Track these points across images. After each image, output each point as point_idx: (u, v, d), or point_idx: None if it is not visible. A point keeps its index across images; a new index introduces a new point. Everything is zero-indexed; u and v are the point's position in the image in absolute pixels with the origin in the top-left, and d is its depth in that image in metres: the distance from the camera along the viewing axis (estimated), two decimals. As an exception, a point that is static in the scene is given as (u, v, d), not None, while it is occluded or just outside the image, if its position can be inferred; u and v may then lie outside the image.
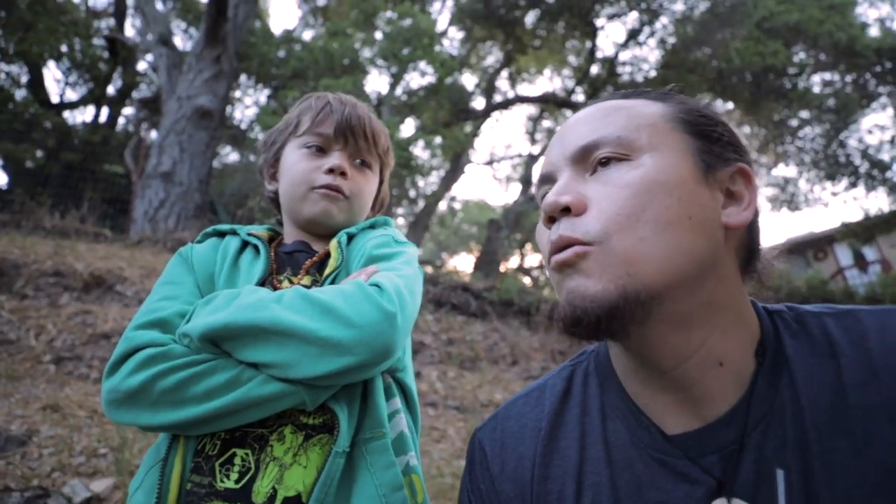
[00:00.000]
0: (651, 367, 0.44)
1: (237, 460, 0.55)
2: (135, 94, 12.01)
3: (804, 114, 8.80)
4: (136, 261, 4.46)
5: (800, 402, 0.39)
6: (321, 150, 0.75)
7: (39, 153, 10.08)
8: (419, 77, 10.50)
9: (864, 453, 0.36)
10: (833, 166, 8.61)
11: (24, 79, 10.94)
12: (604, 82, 12.04)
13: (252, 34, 9.49)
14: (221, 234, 0.76)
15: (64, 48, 10.83)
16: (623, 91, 0.50)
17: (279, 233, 0.81)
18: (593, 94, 12.22)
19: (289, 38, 10.61)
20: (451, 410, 3.96)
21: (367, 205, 0.80)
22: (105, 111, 12.34)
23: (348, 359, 0.51)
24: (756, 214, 0.46)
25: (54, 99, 11.75)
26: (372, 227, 0.77)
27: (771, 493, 0.38)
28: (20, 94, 10.81)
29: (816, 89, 8.36)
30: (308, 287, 0.66)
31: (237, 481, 0.54)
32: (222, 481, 0.54)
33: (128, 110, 12.55)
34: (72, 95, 12.31)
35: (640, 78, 11.12)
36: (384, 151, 0.81)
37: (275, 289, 0.66)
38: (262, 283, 0.66)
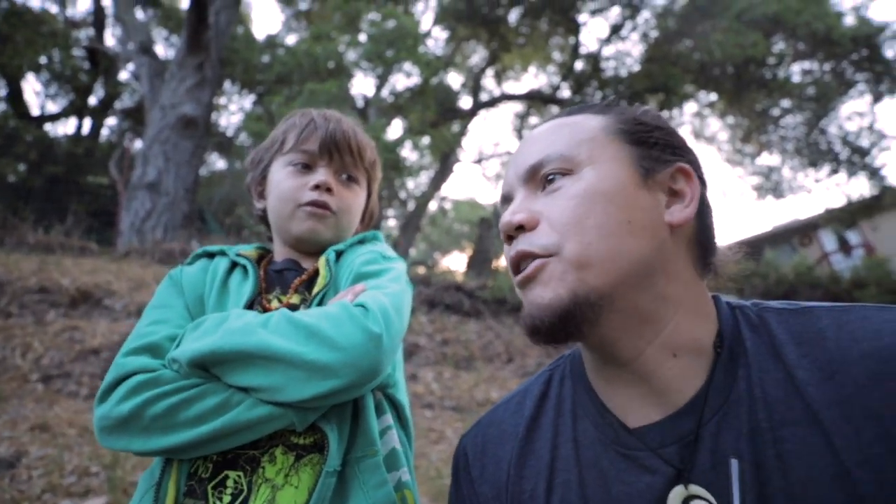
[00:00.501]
0: (612, 362, 0.47)
1: (229, 482, 0.55)
2: (117, 105, 11.86)
3: (785, 103, 8.93)
4: (123, 273, 4.40)
5: (754, 393, 0.41)
6: (307, 167, 0.75)
7: (21, 167, 9.92)
8: (405, 78, 10.49)
9: (817, 447, 0.37)
10: (815, 154, 8.74)
11: (2, 92, 10.75)
12: (588, 77, 12.11)
13: (235, 40, 9.42)
14: (211, 256, 0.76)
15: (43, 60, 10.66)
16: (568, 108, 0.55)
17: (269, 251, 0.81)
18: (578, 90, 12.27)
19: (272, 43, 10.54)
20: (448, 411, 3.96)
21: (356, 220, 0.80)
22: (87, 122, 12.18)
23: (335, 381, 0.52)
24: (704, 209, 0.49)
25: (34, 112, 11.57)
26: (361, 242, 0.77)
27: (726, 482, 0.40)
28: (0, 108, 10.63)
29: (796, 78, 8.48)
30: (297, 306, 0.68)
31: (231, 501, 0.54)
32: (214, 503, 0.55)
33: (111, 121, 12.41)
34: (52, 107, 12.13)
35: (623, 72, 11.21)
36: (371, 165, 0.81)
37: (264, 309, 0.67)
38: (251, 304, 0.66)
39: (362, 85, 22.66)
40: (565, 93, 13.03)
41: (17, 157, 9.97)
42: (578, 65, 12.49)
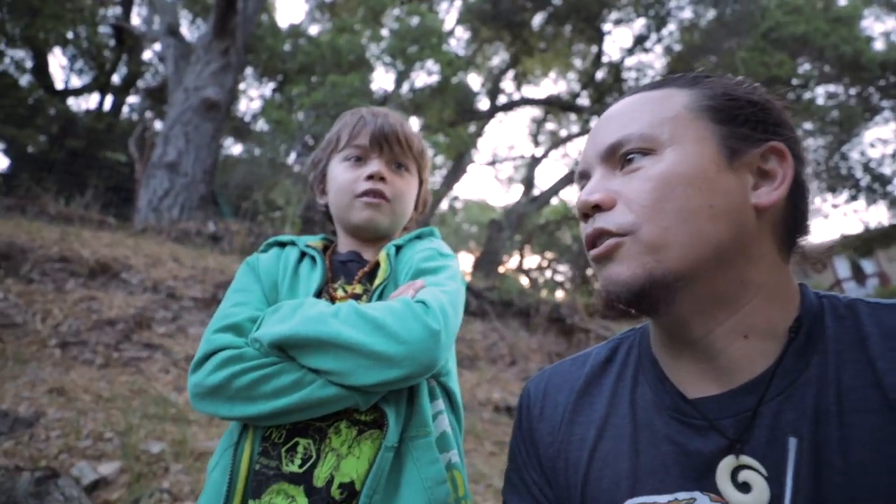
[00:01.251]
0: (679, 338, 0.48)
1: (300, 448, 0.62)
2: (140, 84, 12.00)
3: (807, 125, 8.86)
4: (141, 249, 4.47)
5: (827, 378, 0.42)
6: (360, 160, 0.81)
7: (43, 139, 10.07)
8: (425, 76, 10.53)
9: (889, 436, 0.38)
10: (834, 178, 8.66)
11: (28, 64, 10.92)
12: (609, 87, 12.08)
13: (259, 27, 9.50)
14: (282, 245, 0.83)
15: (70, 35, 10.81)
16: (653, 81, 0.52)
17: (332, 241, 0.87)
18: (598, 99, 12.24)
19: (295, 32, 10.61)
20: (450, 407, 3.99)
21: (410, 206, 0.84)
22: (109, 99, 12.33)
23: (396, 371, 0.57)
24: (797, 190, 0.46)
25: (59, 85, 11.74)
26: (419, 237, 0.82)
27: (781, 457, 0.41)
28: (25, 79, 10.79)
29: (820, 101, 8.42)
30: (360, 295, 0.74)
31: (300, 466, 0.61)
32: (287, 465, 0.61)
33: (132, 99, 12.55)
34: (76, 82, 12.30)
35: (645, 83, 11.17)
36: (419, 153, 0.85)
37: (330, 297, 0.73)
38: (318, 292, 0.72)
39: (382, 80, 22.73)
40: (584, 100, 13.01)
41: (39, 128, 10.12)
42: (599, 73, 12.46)
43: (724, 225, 0.43)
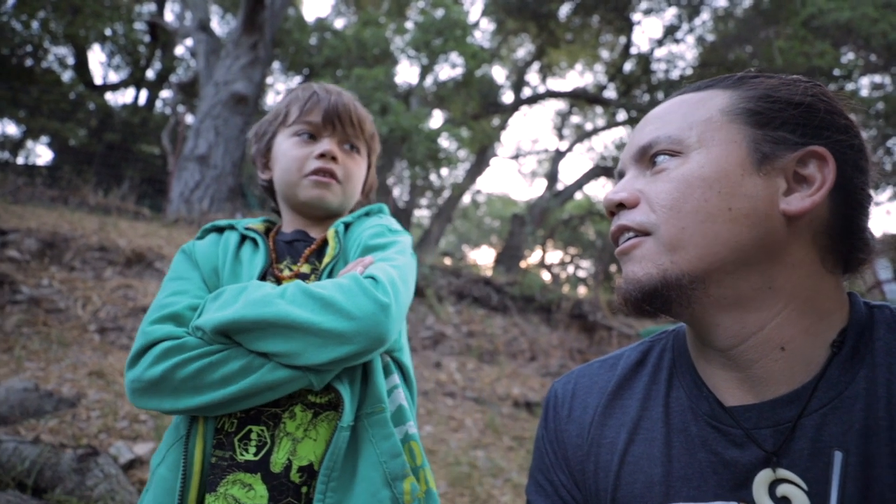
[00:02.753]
0: (711, 345, 0.47)
1: (253, 436, 0.61)
2: (172, 78, 12.37)
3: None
4: (173, 239, 4.64)
5: (877, 392, 0.41)
6: (311, 137, 0.78)
7: (83, 132, 10.52)
8: (449, 68, 10.48)
9: None
10: (878, 174, 8.21)
11: (70, 61, 11.39)
12: (637, 79, 11.77)
13: (286, 21, 9.64)
14: (220, 230, 0.79)
15: (108, 31, 11.22)
16: (699, 82, 0.51)
17: (275, 224, 0.84)
18: (626, 92, 11.93)
19: (322, 26, 10.72)
20: (469, 401, 4.02)
21: (358, 188, 0.83)
22: (144, 94, 12.76)
23: (348, 347, 0.57)
24: (846, 197, 0.44)
25: (97, 81, 12.22)
26: (367, 214, 0.81)
27: (824, 471, 0.40)
28: (67, 75, 11.27)
29: (864, 92, 7.99)
30: (307, 275, 0.72)
31: (255, 454, 0.60)
32: (242, 454, 0.60)
33: (165, 93, 12.95)
34: (113, 78, 12.77)
35: (675, 75, 10.82)
36: (370, 136, 0.83)
37: (277, 279, 0.71)
38: (263, 274, 0.70)
39: (407, 73, 22.73)
40: (611, 93, 12.72)
41: (79, 122, 10.58)
42: (627, 65, 12.14)
43: (744, 229, 0.43)
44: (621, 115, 12.43)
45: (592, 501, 0.51)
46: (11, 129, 10.74)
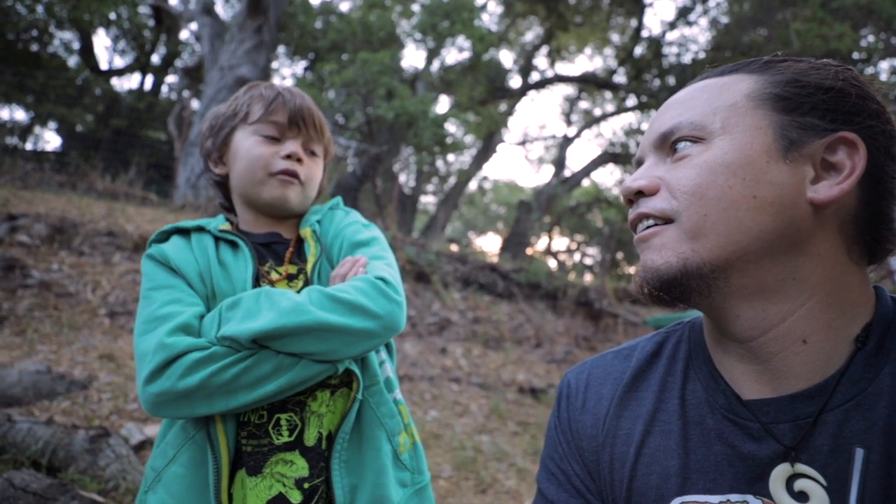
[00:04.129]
0: (730, 336, 0.46)
1: (283, 422, 0.69)
2: (178, 63, 12.31)
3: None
4: (180, 225, 4.66)
5: None
6: (275, 139, 0.80)
7: (90, 118, 10.54)
8: (456, 52, 10.33)
9: None
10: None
11: (76, 46, 11.36)
12: (648, 64, 11.52)
13: (291, 4, 9.51)
14: (185, 231, 0.79)
15: (112, 16, 11.15)
16: (723, 66, 0.50)
17: (233, 221, 0.85)
18: (636, 76, 11.70)
19: (327, 9, 10.57)
20: (475, 387, 4.04)
21: (316, 189, 0.86)
22: (150, 79, 12.72)
23: (375, 340, 0.68)
24: (878, 186, 0.43)
25: (103, 66, 12.19)
26: (331, 209, 0.87)
27: (844, 468, 0.39)
28: (73, 60, 11.25)
29: (883, 77, 7.77)
30: (295, 275, 0.78)
31: (290, 435, 0.68)
32: (278, 439, 0.68)
33: (171, 78, 12.91)
34: (119, 63, 12.73)
35: (687, 59, 10.59)
36: (328, 142, 0.87)
37: (270, 282, 0.75)
38: (256, 277, 0.74)
39: (413, 57, 22.43)
40: (621, 78, 12.48)
41: (86, 108, 10.60)
42: (638, 49, 11.89)
43: (769, 217, 0.42)
44: (631, 101, 12.22)
45: (607, 492, 0.51)
46: (20, 114, 10.79)
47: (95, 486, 1.60)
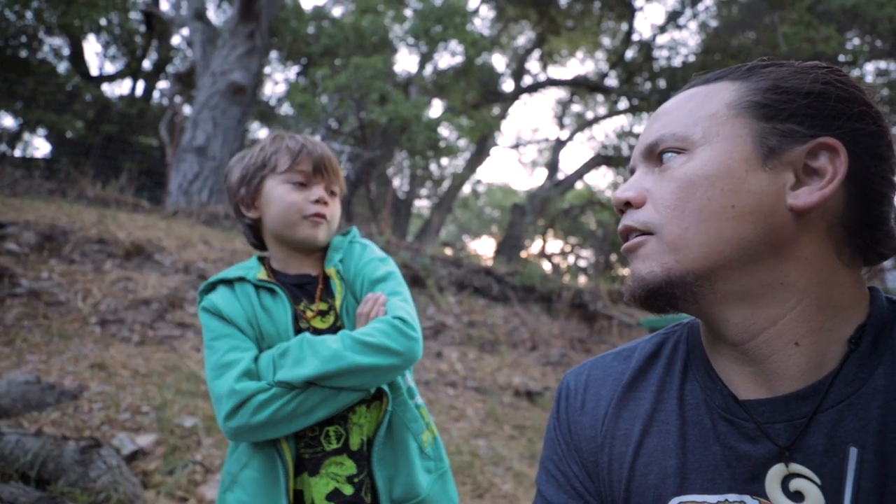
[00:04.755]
0: (722, 339, 0.47)
1: (332, 433, 0.86)
2: (169, 69, 12.25)
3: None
4: (172, 231, 4.63)
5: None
6: (303, 185, 0.94)
7: (80, 124, 10.44)
8: (449, 57, 10.36)
9: None
10: None
11: (66, 52, 11.27)
12: (639, 67, 11.64)
13: (283, 10, 9.50)
14: (229, 282, 0.93)
15: (103, 21, 11.08)
16: (710, 74, 0.50)
17: (265, 260, 0.99)
18: (627, 79, 11.81)
19: (319, 14, 10.58)
20: (471, 391, 4.03)
21: (337, 222, 1.00)
22: (141, 84, 12.65)
23: (399, 371, 0.84)
24: (864, 189, 0.43)
25: (94, 72, 12.10)
26: (351, 242, 1.00)
27: (838, 467, 0.40)
28: (63, 66, 11.16)
29: (869, 78, 7.90)
30: (326, 311, 0.93)
31: (338, 442, 0.86)
32: (329, 446, 0.86)
33: (162, 84, 12.84)
34: (110, 68, 12.66)
35: (677, 62, 10.71)
36: (342, 183, 1.01)
37: (306, 319, 0.91)
38: (295, 318, 0.90)
39: (405, 61, 22.51)
40: (613, 81, 12.58)
41: (76, 114, 10.50)
42: (629, 52, 12.00)
43: (749, 225, 0.43)
44: (623, 104, 12.32)
45: (606, 492, 0.51)
46: (8, 121, 10.68)
47: (86, 499, 1.57)
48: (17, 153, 10.86)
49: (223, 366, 0.82)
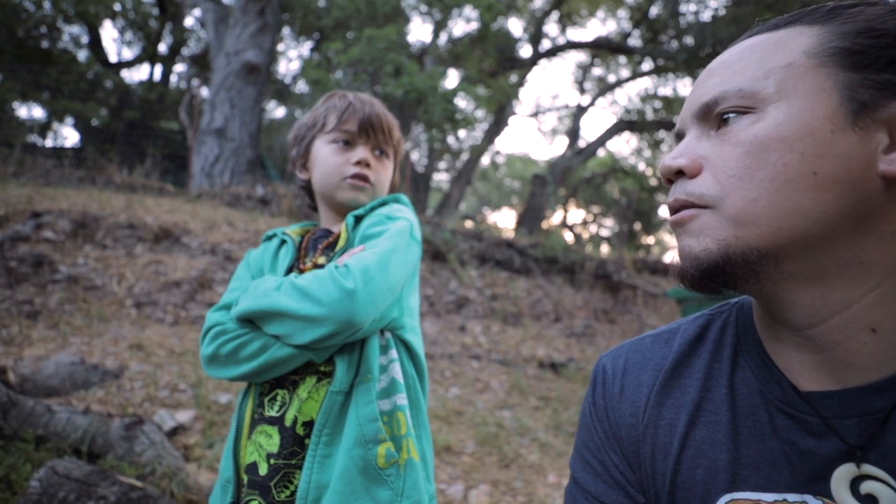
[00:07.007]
0: (783, 323, 0.42)
1: (278, 397, 0.77)
2: (184, 51, 12.26)
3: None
4: (197, 214, 4.73)
5: None
6: (347, 144, 0.89)
7: (104, 112, 10.65)
8: (463, 23, 10.01)
9: None
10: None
11: (84, 39, 11.39)
12: (664, 25, 11.00)
13: (293, -17, 9.30)
14: (270, 238, 0.95)
15: (117, 7, 11.10)
16: (776, 19, 0.43)
17: (314, 227, 0.97)
18: (653, 38, 11.20)
19: (330, -14, 10.31)
20: (495, 364, 4.07)
21: (386, 187, 0.95)
22: (158, 69, 12.73)
23: (323, 329, 0.68)
24: None
25: (112, 58, 12.22)
26: (382, 204, 0.90)
27: None
28: (82, 55, 11.31)
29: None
30: (323, 265, 0.83)
31: (277, 411, 0.76)
32: (268, 411, 0.76)
33: (179, 67, 12.89)
34: (128, 54, 12.75)
35: (706, 17, 10.06)
36: (397, 142, 0.94)
37: (301, 271, 0.84)
38: (289, 268, 0.85)
39: (419, 31, 21.93)
40: (636, 41, 11.96)
41: (99, 102, 10.70)
42: (654, 9, 11.33)
43: (832, 196, 0.36)
44: (647, 65, 11.74)
45: (649, 484, 0.48)
46: (37, 111, 10.97)
47: (133, 472, 1.66)
48: (49, 143, 11.20)
49: (221, 300, 0.83)
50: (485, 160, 16.26)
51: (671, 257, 0.44)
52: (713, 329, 0.50)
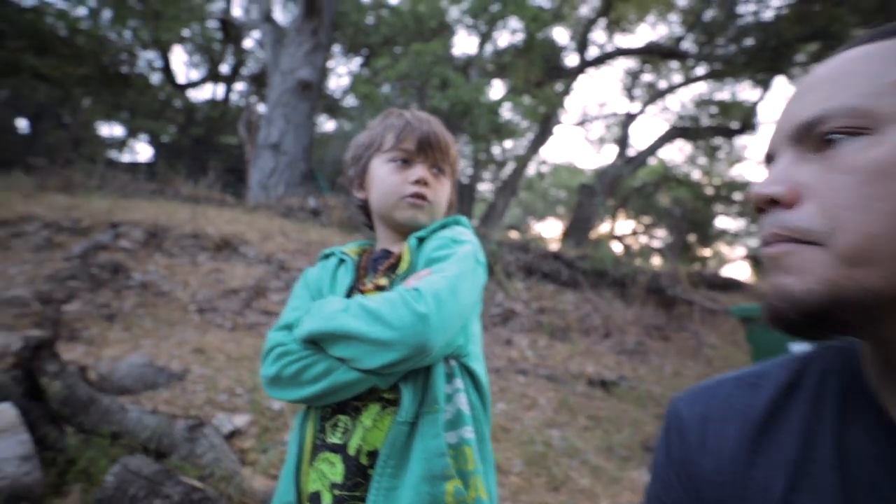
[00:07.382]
0: None
1: (340, 423, 0.74)
2: (243, 71, 13.07)
3: None
4: (254, 224, 4.97)
5: None
6: (405, 163, 0.88)
7: (172, 129, 11.52)
8: (509, 35, 10.03)
9: None
10: None
11: (158, 64, 12.42)
12: (720, 27, 10.50)
13: (344, 3, 9.71)
14: (328, 256, 0.94)
15: (186, 33, 12.05)
16: (877, 30, 0.38)
17: (371, 246, 0.95)
18: (708, 41, 10.73)
19: (378, 3, 10.69)
20: (542, 379, 3.96)
21: (444, 206, 0.93)
22: (221, 88, 13.65)
23: (393, 354, 0.65)
24: None
25: (181, 80, 13.24)
26: (443, 227, 0.88)
27: None
28: (156, 78, 12.33)
29: None
30: (385, 287, 0.82)
31: (340, 438, 0.73)
32: (330, 437, 0.74)
33: (239, 86, 13.75)
34: (194, 75, 13.76)
35: (768, 16, 9.51)
36: (453, 160, 0.93)
37: (361, 292, 0.82)
38: (350, 290, 0.83)
39: (464, 44, 22.22)
40: (689, 45, 11.50)
41: (168, 120, 11.59)
42: (709, 12, 10.86)
43: None
44: (700, 69, 11.24)
45: None
46: (118, 130, 12.05)
47: (195, 473, 1.74)
48: (126, 158, 12.24)
49: (280, 320, 0.82)
50: (530, 170, 16.09)
51: (758, 282, 0.38)
52: (811, 376, 0.43)
